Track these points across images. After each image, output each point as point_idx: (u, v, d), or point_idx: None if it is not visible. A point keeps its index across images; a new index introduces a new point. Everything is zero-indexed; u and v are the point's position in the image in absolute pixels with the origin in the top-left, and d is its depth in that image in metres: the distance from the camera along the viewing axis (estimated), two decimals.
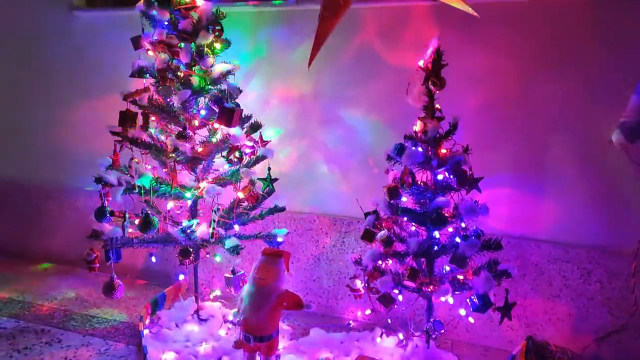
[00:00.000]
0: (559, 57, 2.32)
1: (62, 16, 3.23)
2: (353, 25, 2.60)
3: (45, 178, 3.48)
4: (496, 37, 2.40)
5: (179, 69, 2.39)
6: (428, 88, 2.11)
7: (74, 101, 3.29)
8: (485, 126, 2.44)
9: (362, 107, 2.69)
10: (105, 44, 3.14)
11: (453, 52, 2.16)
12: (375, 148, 2.64)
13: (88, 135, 3.18)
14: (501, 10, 2.38)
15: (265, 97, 2.86)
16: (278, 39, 2.81)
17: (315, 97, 2.78)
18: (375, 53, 2.62)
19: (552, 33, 2.32)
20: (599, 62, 2.26)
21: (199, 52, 2.38)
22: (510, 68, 2.39)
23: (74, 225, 3.36)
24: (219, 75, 2.42)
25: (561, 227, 2.40)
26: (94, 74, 3.20)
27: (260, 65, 2.85)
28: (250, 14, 2.85)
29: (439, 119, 2.12)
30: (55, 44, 3.31)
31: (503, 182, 2.43)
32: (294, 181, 2.80)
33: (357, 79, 2.68)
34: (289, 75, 2.81)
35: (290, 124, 2.84)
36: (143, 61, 2.42)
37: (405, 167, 2.12)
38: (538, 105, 2.37)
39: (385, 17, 2.61)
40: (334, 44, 2.42)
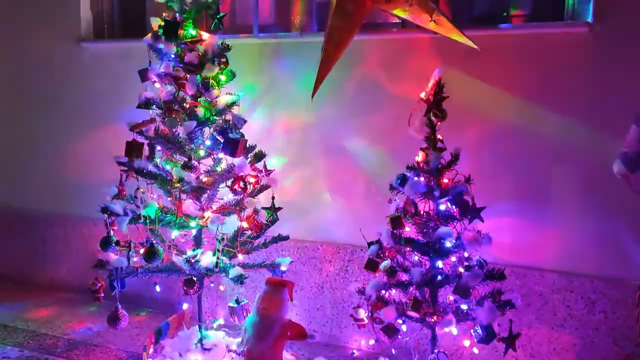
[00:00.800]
0: (559, 88, 2.36)
1: (70, 47, 3.29)
2: (356, 57, 2.65)
3: (51, 207, 3.50)
4: (497, 70, 2.44)
5: (185, 101, 2.44)
6: (430, 119, 2.14)
7: (81, 131, 3.33)
8: (487, 156, 2.47)
9: (365, 137, 2.72)
10: (112, 75, 3.19)
11: (455, 84, 2.20)
12: (378, 177, 2.66)
13: (94, 165, 3.22)
14: (502, 43, 2.43)
15: (270, 127, 2.90)
16: (282, 70, 2.86)
17: (318, 126, 2.81)
18: (378, 84, 2.66)
19: (552, 66, 2.36)
20: (599, 94, 2.30)
21: (205, 83, 2.43)
22: (510, 99, 2.43)
23: (79, 254, 3.38)
24: (224, 107, 2.46)
25: (565, 257, 2.41)
26: (100, 104, 3.25)
27: (264, 95, 2.90)
28: (255, 45, 2.91)
29: (440, 149, 2.15)
30: (63, 75, 3.37)
31: (506, 211, 2.45)
32: (297, 209, 2.82)
33: (360, 109, 2.72)
34: (292, 105, 2.85)
35: (294, 152, 2.88)
36: (150, 93, 2.47)
37: (408, 197, 2.14)
38: (540, 135, 2.40)
39: (387, 49, 2.66)
40: (337, 74, 2.47)
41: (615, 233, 2.32)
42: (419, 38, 2.57)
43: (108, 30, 3.33)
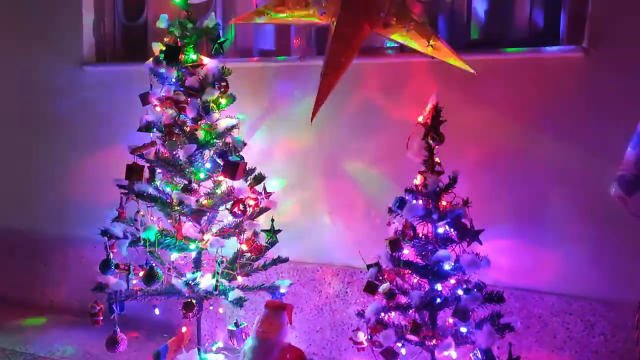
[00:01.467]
0: (556, 111, 2.39)
1: (72, 71, 3.33)
2: (355, 80, 2.68)
3: (51, 229, 3.51)
4: (494, 93, 2.48)
5: (185, 124, 2.47)
6: (428, 143, 2.16)
7: (81, 153, 3.35)
8: (484, 179, 2.49)
9: (364, 160, 2.74)
10: (114, 98, 3.22)
11: (452, 107, 2.22)
12: (377, 199, 2.67)
13: (94, 187, 3.22)
14: (498, 67, 2.47)
15: (269, 149, 2.92)
16: (282, 93, 2.89)
17: (318, 149, 2.84)
18: (376, 107, 2.69)
19: (548, 89, 2.40)
20: (595, 117, 2.33)
21: (205, 107, 2.45)
22: (508, 123, 2.46)
23: (79, 276, 3.37)
24: (224, 130, 2.49)
25: (563, 279, 2.41)
26: (101, 127, 3.28)
27: (264, 118, 2.93)
28: (256, 69, 2.95)
29: (438, 172, 2.17)
30: (65, 98, 3.40)
31: (504, 233, 2.46)
32: (297, 231, 2.83)
33: (359, 132, 2.74)
34: (292, 128, 2.87)
35: (293, 175, 2.89)
36: (150, 116, 2.49)
37: (407, 220, 2.15)
38: (536, 158, 2.43)
39: (385, 72, 2.70)
40: (336, 97, 2.49)
41: (614, 255, 2.33)
42: (416, 62, 2.60)
43: (110, 54, 3.37)
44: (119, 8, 3.35)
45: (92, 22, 3.33)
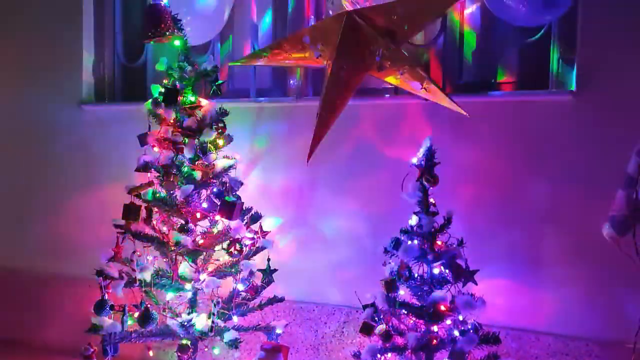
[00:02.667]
0: (547, 153, 2.44)
1: (71, 110, 3.36)
2: (350, 120, 2.72)
3: (45, 266, 3.48)
4: (486, 134, 2.53)
5: (183, 164, 2.49)
6: (422, 184, 2.20)
7: (78, 191, 3.36)
8: (479, 218, 2.51)
9: (360, 199, 2.77)
10: (112, 137, 3.25)
11: (445, 148, 2.27)
12: (373, 239, 2.68)
13: (90, 225, 3.23)
14: (490, 109, 2.52)
15: (266, 188, 2.95)
16: (278, 133, 2.94)
17: (314, 187, 2.86)
18: (372, 147, 2.74)
19: (539, 131, 2.45)
20: (585, 159, 2.37)
21: (203, 148, 2.49)
22: (500, 163, 2.50)
23: (72, 316, 3.33)
24: (221, 170, 2.52)
25: (559, 319, 2.42)
26: (98, 165, 3.30)
27: (261, 157, 2.96)
28: (252, 109, 3.00)
29: (433, 213, 2.19)
30: (62, 136, 3.42)
31: (499, 273, 2.47)
32: (292, 270, 2.82)
33: (355, 171, 2.78)
34: (288, 166, 2.91)
35: (289, 213, 2.91)
36: (148, 156, 2.52)
37: (402, 260, 2.17)
38: (530, 198, 2.46)
39: (380, 113, 2.75)
40: (332, 137, 2.52)
41: (608, 295, 2.34)
42: (411, 103, 2.66)
43: (109, 93, 3.42)
44: (119, 49, 3.41)
45: (92, 62, 3.39)
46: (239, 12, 3.18)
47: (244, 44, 3.20)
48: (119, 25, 3.41)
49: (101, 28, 3.40)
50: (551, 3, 2.17)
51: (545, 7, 2.18)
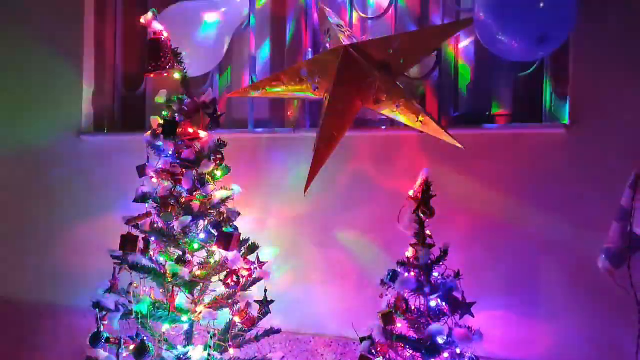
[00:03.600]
0: (542, 185, 2.47)
1: (70, 140, 3.38)
2: (347, 152, 2.75)
3: (41, 296, 3.46)
4: (482, 166, 2.56)
5: (181, 195, 2.51)
6: (419, 216, 2.21)
7: (75, 221, 3.36)
8: (475, 250, 2.53)
9: (357, 230, 2.78)
10: (110, 167, 3.26)
11: (442, 179, 2.30)
12: (370, 269, 2.69)
13: (87, 255, 3.22)
14: (485, 142, 2.56)
15: (263, 218, 2.96)
16: (276, 163, 2.96)
17: (311, 218, 2.88)
18: (368, 178, 2.76)
19: (534, 163, 2.49)
20: (579, 192, 2.40)
21: (201, 179, 2.51)
22: (496, 194, 2.53)
23: (67, 347, 3.31)
24: (219, 201, 2.53)
25: (556, 350, 2.42)
26: (97, 195, 3.30)
27: (258, 187, 2.97)
28: (250, 139, 3.03)
29: (429, 245, 2.21)
30: (61, 166, 3.43)
31: (496, 304, 2.48)
32: (289, 301, 2.82)
33: (351, 203, 2.80)
34: (285, 197, 2.92)
35: (286, 244, 2.92)
36: (146, 187, 2.53)
37: (399, 293, 2.17)
38: (525, 229, 2.48)
39: (377, 145, 2.78)
40: (329, 168, 2.55)
41: (604, 327, 2.34)
42: (407, 135, 2.69)
43: (109, 123, 3.44)
44: (119, 80, 3.45)
45: (92, 92, 3.42)
46: (238, 44, 3.24)
47: (242, 75, 3.25)
48: (119, 56, 3.45)
49: (102, 59, 3.45)
50: (543, 40, 2.21)
51: (538, 44, 2.22)
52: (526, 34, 2.23)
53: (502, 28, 2.26)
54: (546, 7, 2.21)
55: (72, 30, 3.41)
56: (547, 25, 2.22)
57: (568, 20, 2.27)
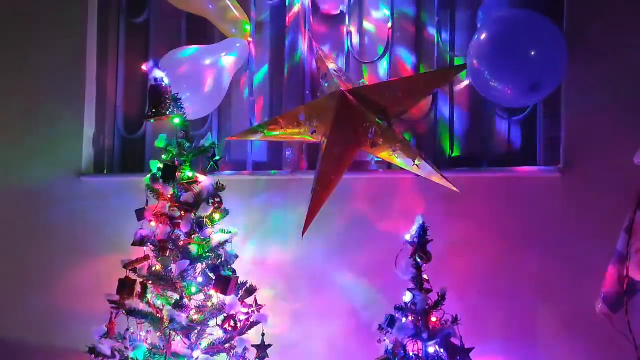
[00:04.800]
0: (538, 228, 2.48)
1: (70, 181, 3.39)
2: (344, 194, 2.76)
3: (37, 338, 3.42)
4: (478, 209, 2.58)
5: (179, 239, 2.52)
6: (415, 261, 2.22)
7: (73, 262, 3.35)
8: (472, 294, 2.52)
9: (354, 273, 2.78)
10: (110, 209, 3.27)
11: (438, 222, 2.31)
12: (368, 313, 2.68)
13: (84, 297, 3.20)
14: (480, 184, 2.59)
15: (261, 260, 2.96)
16: (274, 205, 2.98)
17: (308, 260, 2.88)
18: (366, 220, 2.78)
19: (529, 206, 2.51)
20: (574, 235, 2.42)
21: (199, 223, 2.53)
22: (493, 238, 2.54)
23: None
24: (217, 244, 2.54)
25: None
26: (95, 237, 3.30)
27: (256, 229, 2.98)
28: (248, 181, 3.06)
29: (427, 290, 2.21)
30: (60, 207, 3.43)
31: (494, 349, 2.46)
32: (287, 344, 2.79)
33: (349, 245, 2.80)
34: (283, 239, 2.93)
35: (284, 286, 2.91)
36: (145, 231, 2.55)
37: (397, 339, 2.16)
38: (522, 273, 2.48)
39: (374, 187, 2.81)
40: (326, 209, 2.57)
41: None
42: (403, 178, 2.72)
43: (108, 165, 3.47)
44: (120, 122, 3.50)
45: (93, 134, 3.46)
46: (237, 87, 3.30)
47: (241, 118, 3.30)
48: (120, 98, 3.51)
49: (103, 101, 3.50)
50: (536, 88, 2.26)
51: (530, 92, 2.27)
52: (519, 82, 2.29)
53: (494, 76, 2.32)
54: (537, 55, 2.28)
55: (75, 72, 3.47)
56: (539, 73, 2.28)
57: (559, 67, 2.33)
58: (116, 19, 3.55)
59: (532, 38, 2.28)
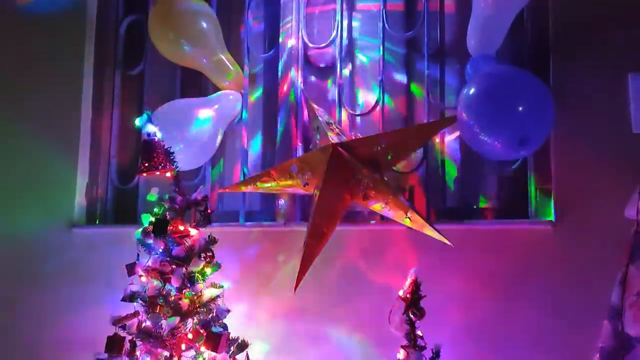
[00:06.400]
0: (530, 281, 2.47)
1: (61, 232, 3.35)
2: (337, 246, 2.75)
3: None
4: (470, 261, 2.57)
5: (170, 294, 2.48)
6: (409, 317, 2.20)
7: (63, 316, 3.27)
8: (467, 347, 2.49)
9: (348, 326, 2.74)
10: (101, 260, 3.21)
11: (431, 275, 2.30)
12: None
13: (74, 353, 3.13)
14: (472, 237, 2.59)
15: (253, 313, 2.91)
16: (266, 257, 2.95)
17: (301, 313, 2.84)
18: (359, 273, 2.76)
19: (521, 259, 2.50)
20: (567, 288, 2.41)
21: (190, 278, 2.49)
22: (485, 292, 2.53)
23: None
24: (208, 299, 2.50)
25: None
26: (86, 289, 3.24)
27: (248, 281, 2.95)
28: (241, 233, 3.04)
29: (421, 347, 2.18)
30: (52, 259, 3.37)
31: None
32: None
33: (342, 297, 2.77)
34: (276, 291, 2.89)
35: (276, 339, 2.86)
36: (135, 286, 2.52)
37: None
38: (515, 327, 2.46)
39: (366, 239, 2.80)
40: (319, 262, 2.55)
41: None
42: (396, 230, 2.71)
43: (100, 216, 3.45)
44: (113, 172, 3.50)
45: (86, 185, 3.45)
46: (230, 138, 3.32)
47: (234, 168, 3.31)
48: (114, 149, 3.51)
49: (97, 152, 3.50)
50: (524, 142, 2.29)
51: (519, 145, 2.30)
52: (507, 136, 2.32)
53: (483, 129, 2.35)
54: (525, 110, 2.32)
55: (70, 122, 3.46)
56: (527, 127, 2.31)
57: (547, 121, 2.37)
58: (112, 70, 3.58)
59: (519, 93, 2.33)
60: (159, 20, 3.09)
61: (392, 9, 3.08)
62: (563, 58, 2.55)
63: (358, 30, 3.19)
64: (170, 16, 3.04)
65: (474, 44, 2.56)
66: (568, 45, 2.56)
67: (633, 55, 2.48)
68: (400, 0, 3.13)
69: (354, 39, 3.20)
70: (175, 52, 3.10)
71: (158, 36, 3.10)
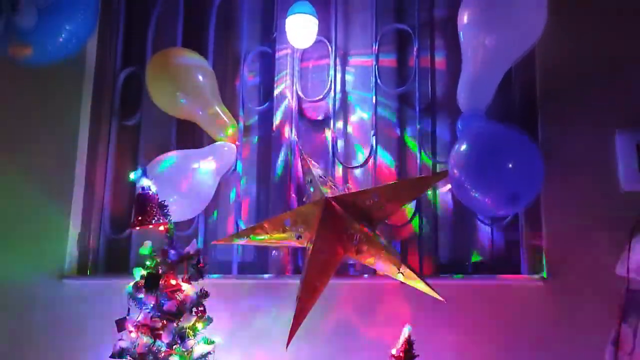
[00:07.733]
0: (523, 335, 2.46)
1: (52, 284, 3.30)
2: (330, 299, 2.73)
3: None
4: (463, 316, 2.55)
5: (160, 351, 2.45)
6: None
7: None
8: None
9: None
10: (91, 311, 3.16)
11: (424, 330, 2.29)
12: None
13: None
14: (465, 291, 2.58)
15: None
16: (259, 310, 2.93)
17: None
18: (351, 327, 2.73)
19: (514, 313, 2.49)
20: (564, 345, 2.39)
21: (181, 334, 2.47)
22: (478, 347, 2.50)
23: None
24: (199, 356, 2.47)
25: None
26: (75, 343, 3.18)
27: (240, 335, 2.91)
28: (233, 285, 3.02)
29: None
30: (40, 311, 3.33)
31: None
32: None
33: (335, 352, 2.74)
34: (268, 345, 2.85)
35: None
36: (124, 342, 2.48)
37: None
38: None
39: (360, 293, 2.79)
40: (312, 315, 2.52)
41: None
42: (389, 284, 2.70)
43: (92, 266, 3.42)
44: (106, 222, 3.48)
45: (78, 234, 3.43)
46: (225, 188, 3.33)
47: (228, 219, 3.32)
48: (107, 199, 3.51)
49: (91, 202, 3.49)
50: (515, 199, 2.32)
51: (510, 202, 2.33)
52: (497, 193, 2.35)
53: (474, 186, 2.38)
54: (515, 167, 2.35)
55: (64, 171, 3.46)
56: (518, 184, 2.35)
57: (536, 178, 2.40)
58: (108, 120, 3.61)
59: (509, 152, 2.37)
60: (156, 73, 3.15)
61: (384, 65, 3.15)
62: (551, 115, 2.60)
63: (351, 84, 3.27)
64: (168, 69, 3.10)
65: (464, 99, 2.61)
66: (555, 102, 2.61)
67: (620, 112, 2.53)
68: (393, 57, 3.21)
69: (347, 92, 3.26)
70: (171, 105, 3.15)
71: (155, 88, 3.15)
